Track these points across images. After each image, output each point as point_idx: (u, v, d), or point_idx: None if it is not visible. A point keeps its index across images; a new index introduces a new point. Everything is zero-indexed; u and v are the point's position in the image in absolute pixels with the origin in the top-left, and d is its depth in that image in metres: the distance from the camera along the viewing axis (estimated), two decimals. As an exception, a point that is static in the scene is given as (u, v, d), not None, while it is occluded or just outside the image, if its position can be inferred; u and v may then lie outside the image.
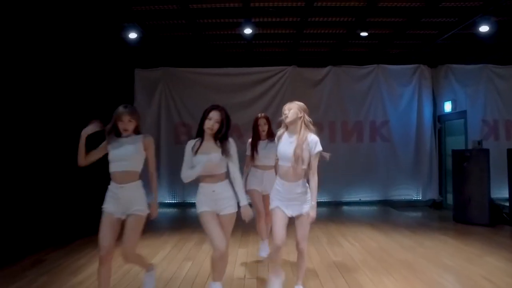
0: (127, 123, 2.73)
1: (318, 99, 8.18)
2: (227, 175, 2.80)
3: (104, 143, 2.78)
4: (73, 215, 5.85)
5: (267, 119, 4.02)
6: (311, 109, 8.74)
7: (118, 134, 2.79)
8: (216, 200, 2.71)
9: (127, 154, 2.70)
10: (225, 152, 2.68)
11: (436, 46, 7.02)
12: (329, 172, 7.93)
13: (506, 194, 6.20)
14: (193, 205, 8.31)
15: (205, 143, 2.72)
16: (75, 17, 5.44)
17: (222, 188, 2.73)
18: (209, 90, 7.96)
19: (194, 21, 5.76)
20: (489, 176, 5.75)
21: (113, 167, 2.71)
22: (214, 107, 2.72)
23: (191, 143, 2.77)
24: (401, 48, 7.40)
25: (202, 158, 2.66)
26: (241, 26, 5.55)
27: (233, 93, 7.99)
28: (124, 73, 7.86)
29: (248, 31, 5.55)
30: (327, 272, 3.72)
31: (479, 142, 6.41)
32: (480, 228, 5.63)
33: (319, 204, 8.93)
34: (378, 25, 5.87)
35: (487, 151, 5.90)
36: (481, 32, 5.26)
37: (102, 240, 2.66)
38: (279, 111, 9.40)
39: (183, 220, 6.85)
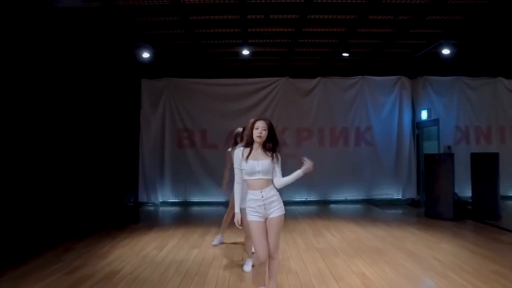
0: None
1: (308, 107, 8.96)
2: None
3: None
4: (93, 211, 6.66)
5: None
6: (302, 117, 9.69)
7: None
8: (265, 205, 2.85)
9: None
10: (273, 158, 2.87)
11: (413, 61, 7.89)
12: (318, 174, 8.62)
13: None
14: (194, 203, 9.20)
15: (254, 151, 2.88)
16: (93, 35, 6.22)
17: (270, 193, 2.87)
18: (209, 99, 8.72)
19: (198, 42, 6.58)
20: (453, 176, 6.61)
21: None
22: (259, 118, 2.95)
23: (239, 151, 2.92)
24: (382, 63, 8.26)
25: (253, 164, 2.83)
26: (239, 47, 6.37)
27: (231, 101, 8.75)
28: (131, 83, 8.59)
29: (245, 52, 6.37)
30: (310, 256, 4.53)
31: (449, 147, 7.29)
32: (446, 222, 6.49)
33: (308, 203, 9.64)
34: (359, 45, 6.73)
35: (452, 155, 6.76)
36: (444, 53, 6.14)
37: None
38: (273, 118, 10.32)
39: (186, 217, 7.62)
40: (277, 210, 2.88)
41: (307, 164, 2.94)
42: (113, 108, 7.76)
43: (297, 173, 2.93)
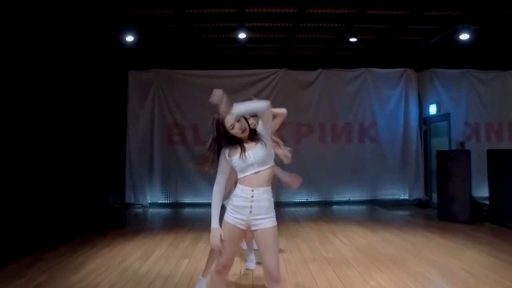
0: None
1: (308, 101, 8.38)
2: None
3: None
4: (71, 214, 5.93)
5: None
6: (302, 111, 9.03)
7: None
8: (252, 208, 2.22)
9: None
10: (259, 139, 2.30)
11: (421, 51, 7.32)
12: (319, 173, 8.19)
13: (486, 193, 6.54)
14: (186, 205, 8.53)
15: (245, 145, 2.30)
16: (71, 19, 5.53)
17: (263, 195, 2.25)
18: (201, 92, 7.99)
19: (189, 25, 5.90)
20: (470, 175, 6.05)
21: None
22: (219, 116, 2.34)
23: (225, 152, 2.29)
24: (388, 53, 7.68)
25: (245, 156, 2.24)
26: (235, 30, 5.71)
27: (226, 94, 8.13)
28: (117, 74, 7.92)
29: (242, 35, 5.72)
30: (318, 267, 3.91)
31: (462, 144, 6.73)
32: (462, 225, 5.92)
33: (309, 204, 9.07)
34: (366, 31, 6.12)
35: (468, 152, 6.20)
36: (461, 39, 5.55)
37: None
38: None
39: (177, 220, 6.95)
40: (267, 220, 2.22)
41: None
42: (97, 101, 7.07)
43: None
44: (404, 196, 8.48)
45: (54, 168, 5.70)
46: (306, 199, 8.34)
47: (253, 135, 2.34)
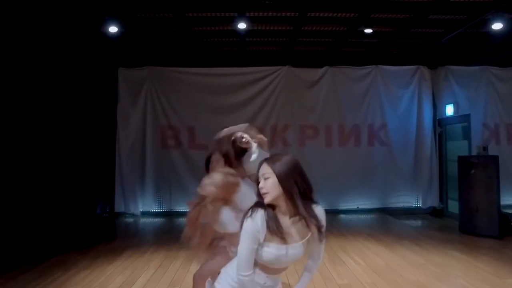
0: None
1: (314, 101, 7.77)
2: None
3: None
4: (52, 226, 5.25)
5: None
6: (307, 111, 8.35)
7: None
8: None
9: None
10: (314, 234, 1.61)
11: (438, 46, 6.68)
12: (326, 178, 7.53)
13: (508, 201, 5.91)
14: (181, 214, 7.86)
15: (280, 217, 1.59)
16: (54, 11, 4.88)
17: (277, 284, 1.72)
18: (198, 91, 7.47)
19: (182, 15, 5.25)
20: (498, 184, 5.40)
21: None
22: (262, 161, 1.63)
23: (258, 220, 1.54)
24: (402, 48, 7.04)
25: (281, 249, 1.56)
26: (234, 20, 5.06)
27: (224, 94, 7.50)
28: (106, 72, 7.29)
29: (242, 26, 5.07)
30: (333, 299, 3.27)
31: (485, 148, 6.08)
32: (489, 240, 5.27)
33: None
34: (382, 22, 5.47)
35: (496, 158, 5.55)
36: (493, 29, 4.89)
37: None
38: (272, 115, 8.96)
39: (170, 232, 6.27)
40: None
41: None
42: (84, 101, 6.41)
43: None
44: (417, 204, 7.84)
45: (34, 173, 5.02)
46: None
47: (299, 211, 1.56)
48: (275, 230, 1.52)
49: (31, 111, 4.99)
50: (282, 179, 1.56)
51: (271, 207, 1.58)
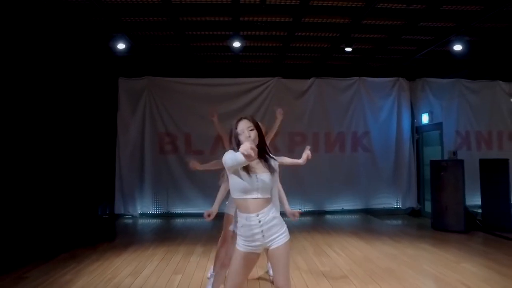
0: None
1: (302, 110, 8.32)
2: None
3: None
4: (56, 227, 5.69)
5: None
6: (295, 120, 8.94)
7: None
8: (264, 231, 2.15)
9: None
10: (271, 169, 2.21)
11: (414, 60, 7.38)
12: (313, 182, 8.12)
13: (477, 202, 6.56)
14: (177, 215, 8.32)
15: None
16: (61, 25, 5.37)
17: (269, 215, 2.18)
18: (194, 100, 7.95)
19: (182, 33, 5.81)
20: (464, 185, 6.06)
21: None
22: (239, 118, 2.25)
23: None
24: (382, 62, 7.72)
25: (251, 178, 2.14)
26: (230, 39, 5.64)
27: (218, 103, 7.93)
28: (108, 81, 7.74)
29: (236, 44, 5.64)
30: (315, 282, 3.81)
31: (454, 153, 6.75)
32: (456, 235, 5.91)
33: (303, 214, 8.95)
34: (361, 41, 6.12)
35: (462, 162, 6.22)
36: (455, 50, 5.60)
37: None
38: (263, 121, 9.44)
39: (169, 231, 6.76)
40: (280, 236, 2.19)
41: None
42: (86, 108, 6.86)
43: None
44: (397, 205, 8.47)
45: (39, 177, 5.47)
46: (300, 209, 8.21)
47: (264, 154, 2.25)
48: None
49: (36, 119, 5.42)
50: (260, 133, 2.23)
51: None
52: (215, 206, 2.97)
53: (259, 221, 2.14)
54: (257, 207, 2.16)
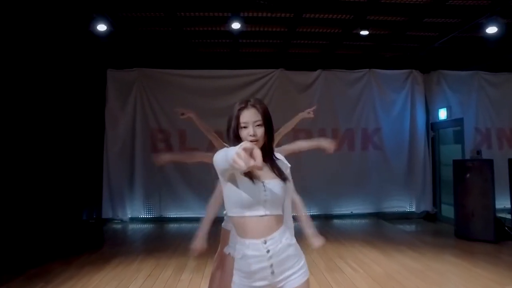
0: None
1: (307, 104, 7.49)
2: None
3: None
4: (32, 235, 4.97)
5: None
6: (300, 116, 8.17)
7: None
8: (274, 266, 1.50)
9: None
10: (282, 175, 1.56)
11: (432, 50, 6.68)
12: (319, 183, 7.43)
13: (500, 206, 5.88)
14: (171, 220, 7.64)
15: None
16: (38, 7, 4.66)
17: (281, 241, 1.52)
18: (189, 94, 7.27)
19: (174, 14, 5.09)
20: (493, 188, 5.37)
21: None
22: (244, 105, 1.57)
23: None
24: (396, 51, 7.02)
25: (255, 186, 1.48)
26: (228, 21, 4.93)
27: (215, 97, 7.33)
28: (95, 73, 7.07)
29: (236, 26, 4.94)
30: (332, 309, 3.13)
31: (478, 152, 6.06)
32: (485, 245, 5.22)
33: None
34: (378, 24, 5.41)
35: (491, 162, 5.53)
36: (488, 33, 4.88)
37: None
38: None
39: (160, 239, 6.07)
40: (298, 273, 1.53)
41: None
42: (70, 102, 6.17)
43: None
44: (411, 208, 7.79)
45: (15, 176, 4.75)
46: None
47: (270, 158, 1.57)
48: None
49: (15, 113, 4.74)
50: (270, 130, 1.58)
51: None
52: (200, 238, 1.95)
53: (268, 251, 1.48)
54: (265, 230, 1.49)
